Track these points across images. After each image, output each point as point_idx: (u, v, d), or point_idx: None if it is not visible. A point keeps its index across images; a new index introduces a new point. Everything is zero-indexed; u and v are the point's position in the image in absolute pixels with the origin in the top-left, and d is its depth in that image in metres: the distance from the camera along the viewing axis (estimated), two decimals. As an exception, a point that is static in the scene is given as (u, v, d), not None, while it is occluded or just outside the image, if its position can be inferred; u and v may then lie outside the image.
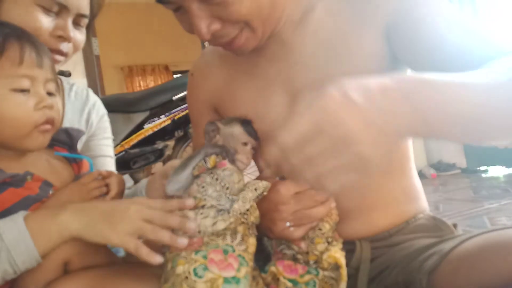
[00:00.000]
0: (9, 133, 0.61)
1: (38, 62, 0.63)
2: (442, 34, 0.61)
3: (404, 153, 0.75)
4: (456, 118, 0.45)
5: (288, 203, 0.60)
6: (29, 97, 0.62)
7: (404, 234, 0.71)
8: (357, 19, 0.67)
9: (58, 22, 0.80)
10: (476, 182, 2.97)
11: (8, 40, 0.61)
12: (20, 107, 0.61)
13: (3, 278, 0.52)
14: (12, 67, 0.60)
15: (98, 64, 3.08)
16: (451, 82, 0.46)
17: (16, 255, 0.51)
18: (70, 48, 0.84)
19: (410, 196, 0.75)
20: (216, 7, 0.59)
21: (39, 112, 0.62)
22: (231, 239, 0.57)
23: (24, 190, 0.61)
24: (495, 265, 0.49)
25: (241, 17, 0.60)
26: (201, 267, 0.53)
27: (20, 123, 0.61)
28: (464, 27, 0.61)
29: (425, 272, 0.58)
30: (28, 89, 0.62)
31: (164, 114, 2.19)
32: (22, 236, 0.52)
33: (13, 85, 0.60)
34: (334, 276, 0.60)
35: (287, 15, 0.68)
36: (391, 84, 0.44)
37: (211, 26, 0.61)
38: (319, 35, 0.69)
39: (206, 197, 0.59)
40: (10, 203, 0.56)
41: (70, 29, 0.81)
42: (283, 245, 0.64)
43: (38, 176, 0.64)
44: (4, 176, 0.60)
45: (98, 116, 1.01)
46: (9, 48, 0.61)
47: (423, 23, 0.62)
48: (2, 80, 0.60)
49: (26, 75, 0.61)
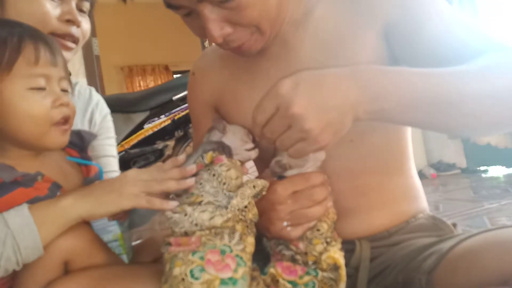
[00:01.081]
0: (28, 131, 0.63)
1: (52, 60, 0.64)
2: (440, 34, 0.62)
3: (404, 152, 0.75)
4: (412, 103, 0.51)
5: (285, 202, 0.60)
6: (45, 95, 0.63)
7: (403, 234, 0.71)
8: (357, 19, 0.67)
9: (63, 7, 0.83)
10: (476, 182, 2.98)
11: (23, 40, 0.62)
12: (38, 105, 0.62)
13: (5, 268, 0.53)
14: (28, 67, 0.62)
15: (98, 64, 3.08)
16: (406, 70, 0.53)
17: (20, 241, 0.52)
18: (80, 34, 0.86)
19: (410, 195, 0.75)
20: (229, 11, 0.59)
21: (56, 110, 0.64)
22: (229, 239, 0.56)
23: (33, 190, 0.62)
24: (493, 264, 0.49)
25: (253, 21, 0.61)
26: (198, 269, 0.53)
27: (38, 121, 0.63)
28: (462, 27, 0.62)
29: (425, 272, 0.58)
30: (44, 87, 0.63)
31: (164, 114, 2.19)
32: (26, 222, 0.53)
33: (30, 84, 0.62)
34: (333, 276, 0.60)
35: (290, 15, 0.69)
36: (343, 71, 0.53)
37: (223, 30, 0.61)
38: (319, 35, 0.69)
39: (203, 193, 0.59)
40: (19, 203, 0.57)
41: (76, 12, 0.84)
42: (281, 245, 0.64)
43: (49, 177, 0.65)
44: (16, 174, 0.61)
45: (101, 116, 1.01)
46: (25, 48, 0.62)
47: (421, 23, 0.63)
48: (20, 79, 0.61)
49: (42, 74, 0.63)
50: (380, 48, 0.66)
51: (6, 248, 0.52)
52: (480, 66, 0.54)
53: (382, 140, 0.71)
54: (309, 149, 0.52)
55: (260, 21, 0.62)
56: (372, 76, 0.52)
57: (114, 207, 0.57)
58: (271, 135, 0.53)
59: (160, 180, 0.60)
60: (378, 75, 0.52)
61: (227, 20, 0.60)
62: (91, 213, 0.57)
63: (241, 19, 0.60)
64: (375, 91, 0.51)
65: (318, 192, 0.61)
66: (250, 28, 0.63)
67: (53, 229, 0.55)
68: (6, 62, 0.60)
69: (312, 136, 0.50)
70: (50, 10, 0.80)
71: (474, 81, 0.52)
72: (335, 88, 0.51)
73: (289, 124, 0.50)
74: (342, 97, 0.50)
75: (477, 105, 0.52)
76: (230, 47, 0.66)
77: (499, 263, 0.48)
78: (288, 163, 0.62)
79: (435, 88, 0.52)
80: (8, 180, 0.60)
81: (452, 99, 0.52)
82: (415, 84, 0.52)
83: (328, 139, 0.51)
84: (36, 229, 0.53)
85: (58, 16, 0.81)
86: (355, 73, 0.52)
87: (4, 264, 0.52)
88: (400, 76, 0.53)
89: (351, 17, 0.67)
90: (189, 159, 0.63)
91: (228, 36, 0.62)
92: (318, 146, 0.51)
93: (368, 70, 0.53)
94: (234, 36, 0.63)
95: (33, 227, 0.53)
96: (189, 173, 0.61)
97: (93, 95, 1.01)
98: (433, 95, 0.52)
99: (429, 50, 0.62)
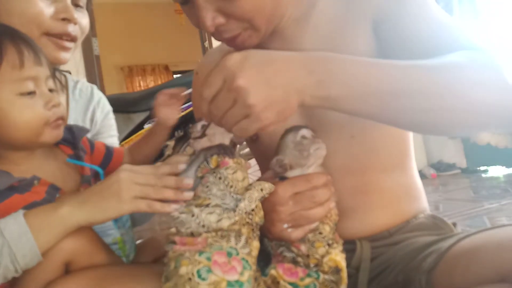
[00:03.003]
0: (23, 136, 0.62)
1: (37, 60, 0.62)
2: (425, 32, 0.62)
3: (405, 150, 0.75)
4: (364, 93, 0.51)
5: (286, 204, 0.60)
6: (36, 99, 0.62)
7: (404, 233, 0.71)
8: (351, 16, 0.68)
9: (57, 4, 0.78)
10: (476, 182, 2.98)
11: (3, 43, 0.60)
12: (31, 111, 0.61)
13: (4, 276, 0.52)
14: (14, 71, 0.60)
15: (98, 64, 3.08)
16: (360, 60, 0.53)
17: (17, 250, 0.51)
18: (78, 31, 0.83)
19: (411, 195, 0.75)
20: (223, 1, 0.60)
21: (49, 113, 0.63)
22: (235, 242, 0.56)
23: (30, 195, 0.61)
24: (490, 262, 0.49)
25: (245, 13, 0.61)
26: (205, 269, 0.52)
27: (33, 126, 0.62)
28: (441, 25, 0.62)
29: (424, 271, 0.58)
30: (33, 91, 0.61)
31: (164, 114, 2.19)
32: (22, 230, 0.52)
33: (19, 89, 0.60)
34: (335, 279, 0.60)
35: (290, 12, 0.69)
36: (295, 54, 0.52)
37: (216, 20, 0.62)
38: (320, 30, 0.70)
39: (210, 196, 0.58)
40: (16, 209, 0.56)
41: (72, 9, 0.80)
42: (282, 247, 0.63)
43: (45, 180, 0.64)
44: (12, 180, 0.60)
45: (103, 114, 1.00)
46: (7, 52, 0.59)
47: (404, 21, 0.63)
48: (7, 85, 0.60)
49: (29, 76, 0.61)
50: (372, 44, 0.67)
51: (3, 258, 0.51)
52: (447, 61, 0.53)
53: (383, 137, 0.70)
54: (252, 127, 0.51)
55: (253, 15, 0.62)
56: (323, 62, 0.52)
57: (114, 213, 0.56)
58: (217, 112, 0.52)
59: (157, 187, 0.57)
60: (331, 61, 0.52)
61: (221, 10, 0.61)
62: (90, 221, 0.55)
63: (234, 10, 0.61)
64: (321, 76, 0.51)
65: (320, 193, 0.60)
66: (243, 23, 0.63)
67: (51, 237, 0.54)
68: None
69: (255, 112, 0.49)
70: (43, 8, 0.76)
71: (435, 75, 0.51)
72: (283, 68, 0.51)
73: (234, 99, 0.50)
74: (289, 77, 0.50)
75: (437, 101, 0.51)
76: (223, 38, 0.67)
77: (496, 261, 0.48)
78: (289, 162, 0.62)
79: (391, 79, 0.51)
80: (3, 187, 0.59)
81: (407, 91, 0.51)
82: (370, 74, 0.51)
83: (271, 118, 0.50)
84: (33, 238, 0.52)
85: (52, 14, 0.77)
86: (307, 58, 0.52)
87: (3, 273, 0.52)
88: (356, 65, 0.52)
89: (347, 13, 0.68)
90: (190, 167, 0.62)
91: (220, 26, 0.63)
92: (261, 124, 0.51)
93: (322, 56, 0.53)
94: (226, 27, 0.64)
95: (30, 236, 0.52)
96: (186, 186, 0.59)
97: (95, 93, 1.00)
98: (388, 87, 0.51)
99: (410, 48, 0.62)
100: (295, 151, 0.62)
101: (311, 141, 0.62)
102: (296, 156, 0.62)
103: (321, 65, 0.52)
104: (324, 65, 0.52)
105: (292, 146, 0.62)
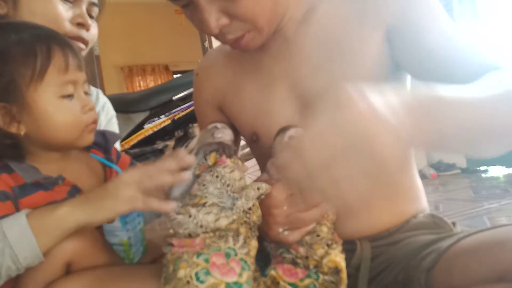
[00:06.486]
0: (62, 138, 0.64)
1: (79, 65, 0.65)
2: (439, 43, 0.63)
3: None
4: (468, 133, 0.49)
5: (281, 206, 0.59)
6: (74, 102, 0.64)
7: (403, 232, 0.71)
8: (359, 20, 0.67)
9: (75, 10, 0.83)
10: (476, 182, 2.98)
11: (52, 47, 0.62)
12: (70, 113, 0.63)
13: (7, 275, 0.53)
14: (59, 75, 0.62)
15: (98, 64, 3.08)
16: (463, 99, 0.49)
17: (18, 251, 0.52)
18: (89, 38, 0.87)
19: (411, 194, 0.75)
20: (225, 2, 0.60)
21: (86, 116, 0.65)
22: (233, 242, 0.56)
23: (53, 193, 0.62)
24: (490, 262, 0.49)
25: (248, 13, 0.61)
26: (203, 272, 0.52)
27: (73, 128, 0.64)
28: (459, 36, 0.63)
29: (423, 271, 0.58)
30: (72, 94, 0.64)
31: (164, 114, 2.19)
32: (24, 232, 0.52)
33: (61, 92, 0.62)
34: (334, 280, 0.60)
35: (290, 12, 0.70)
36: (412, 101, 0.44)
37: (219, 21, 0.62)
38: (323, 33, 0.69)
39: (207, 194, 0.58)
40: (38, 205, 0.57)
41: (87, 16, 0.85)
42: (282, 248, 0.63)
43: (69, 180, 0.65)
44: (39, 176, 0.62)
45: (107, 118, 1.01)
46: (54, 56, 0.61)
47: (420, 30, 0.64)
48: (52, 88, 0.61)
49: (70, 80, 0.63)
50: (382, 50, 0.67)
51: (5, 259, 0.51)
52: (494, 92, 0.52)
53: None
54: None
55: (256, 16, 0.62)
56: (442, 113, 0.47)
57: (111, 212, 0.55)
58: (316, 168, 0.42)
59: (153, 174, 0.57)
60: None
61: (224, 11, 0.61)
62: (88, 221, 0.55)
63: (237, 10, 0.61)
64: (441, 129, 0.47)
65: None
66: (246, 24, 0.63)
67: (51, 238, 0.54)
68: (38, 71, 0.60)
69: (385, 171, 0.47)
70: (62, 12, 0.80)
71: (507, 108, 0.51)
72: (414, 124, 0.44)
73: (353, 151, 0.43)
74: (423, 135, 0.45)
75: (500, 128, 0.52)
76: (226, 40, 0.66)
77: (495, 260, 0.48)
78: None
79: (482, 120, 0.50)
80: (29, 181, 0.60)
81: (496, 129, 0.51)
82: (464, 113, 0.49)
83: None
84: (34, 239, 0.52)
85: (70, 18, 0.82)
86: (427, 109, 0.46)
87: (5, 273, 0.52)
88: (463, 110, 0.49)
89: (357, 16, 0.68)
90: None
91: (224, 27, 0.63)
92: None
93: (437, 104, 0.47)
94: (230, 28, 0.63)
95: (31, 238, 0.52)
96: (187, 163, 0.58)
97: (100, 97, 1.01)
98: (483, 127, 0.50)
99: (427, 57, 0.63)
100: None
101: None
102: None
103: (442, 115, 0.46)
104: (444, 115, 0.46)
105: (279, 148, 0.62)
